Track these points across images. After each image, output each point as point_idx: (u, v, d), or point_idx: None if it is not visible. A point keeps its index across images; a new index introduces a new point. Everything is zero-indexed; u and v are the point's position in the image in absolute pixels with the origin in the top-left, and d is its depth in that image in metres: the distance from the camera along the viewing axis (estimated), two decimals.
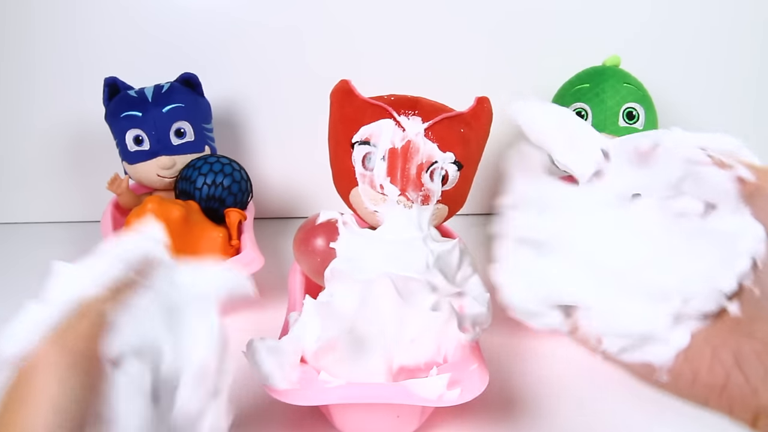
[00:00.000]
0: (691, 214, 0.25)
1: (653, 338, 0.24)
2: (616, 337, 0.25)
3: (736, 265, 0.22)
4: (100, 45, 0.69)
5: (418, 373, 0.38)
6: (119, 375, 0.23)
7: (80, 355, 0.22)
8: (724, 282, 0.22)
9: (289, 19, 0.69)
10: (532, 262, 0.28)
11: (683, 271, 0.23)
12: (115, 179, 0.57)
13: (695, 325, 0.23)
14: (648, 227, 0.26)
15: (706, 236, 0.24)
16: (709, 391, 0.22)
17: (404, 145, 0.45)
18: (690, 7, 0.69)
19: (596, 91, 0.56)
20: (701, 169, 0.24)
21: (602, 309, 0.26)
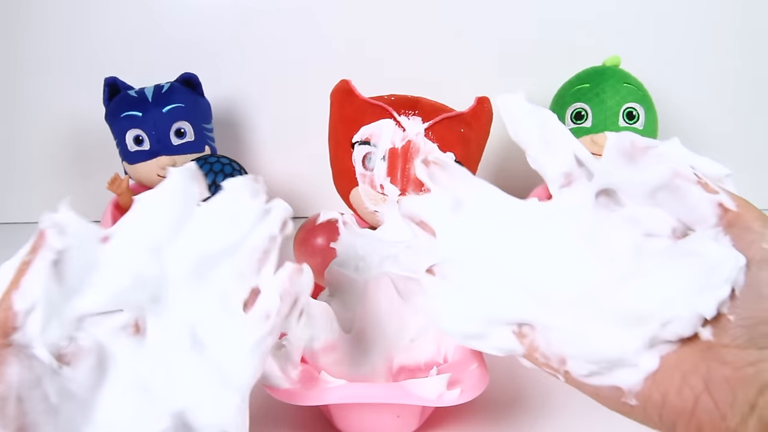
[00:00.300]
0: (661, 235, 0.24)
1: (623, 362, 0.23)
2: (584, 360, 0.24)
3: (717, 292, 0.22)
4: (100, 45, 0.69)
5: (418, 373, 0.38)
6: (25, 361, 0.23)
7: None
8: (706, 308, 0.22)
9: (290, 19, 0.69)
10: (473, 278, 0.27)
11: (663, 294, 0.23)
12: (115, 179, 0.57)
13: (665, 348, 0.23)
14: (617, 245, 0.25)
15: (684, 257, 0.23)
16: (677, 415, 0.22)
17: (404, 145, 0.45)
18: (690, 7, 0.69)
19: (596, 91, 0.56)
20: (685, 184, 0.24)
21: (567, 329, 0.25)
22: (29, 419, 0.21)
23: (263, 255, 0.28)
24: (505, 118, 0.30)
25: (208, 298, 0.27)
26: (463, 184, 0.30)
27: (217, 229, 0.28)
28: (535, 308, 0.26)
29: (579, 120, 0.57)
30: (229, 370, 0.26)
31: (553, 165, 0.28)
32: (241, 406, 0.25)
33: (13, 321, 0.23)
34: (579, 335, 0.24)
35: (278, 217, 0.29)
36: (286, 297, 0.27)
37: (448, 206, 0.29)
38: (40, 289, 0.24)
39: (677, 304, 0.22)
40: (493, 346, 0.27)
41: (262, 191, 0.30)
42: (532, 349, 0.26)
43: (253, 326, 0.27)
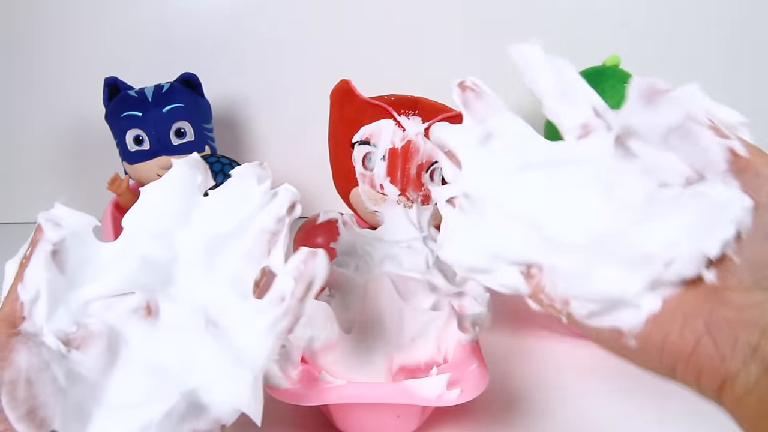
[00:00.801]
0: (674, 184, 0.24)
1: (625, 303, 0.23)
2: (586, 300, 0.24)
3: (721, 231, 0.21)
4: (100, 45, 0.69)
5: (418, 373, 0.38)
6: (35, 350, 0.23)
7: (6, 336, 0.23)
8: (709, 247, 0.21)
9: (290, 19, 0.69)
10: (490, 214, 0.27)
11: (667, 235, 0.23)
12: (115, 179, 0.57)
13: (668, 291, 0.22)
14: (631, 194, 0.25)
15: (692, 199, 0.23)
16: (677, 357, 0.22)
17: (404, 145, 0.45)
18: (690, 7, 0.69)
19: (596, 91, 0.56)
20: (697, 127, 0.24)
21: (573, 270, 0.25)
22: (39, 401, 0.22)
23: (272, 236, 0.29)
24: (521, 68, 0.30)
25: (219, 279, 0.28)
26: (495, 115, 0.30)
27: (225, 212, 0.29)
28: (545, 250, 0.26)
29: None
30: (242, 350, 0.26)
31: (571, 115, 0.28)
32: (254, 384, 0.25)
33: (21, 311, 0.24)
34: (583, 276, 0.24)
35: (285, 199, 0.29)
36: (301, 279, 0.27)
37: (478, 138, 0.29)
38: (41, 278, 0.25)
39: (681, 244, 0.22)
40: (499, 283, 0.27)
41: (268, 176, 0.31)
42: (537, 290, 0.26)
43: (267, 307, 0.27)
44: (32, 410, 0.21)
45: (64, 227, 0.27)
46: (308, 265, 0.28)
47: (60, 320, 0.25)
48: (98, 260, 0.28)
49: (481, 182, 0.28)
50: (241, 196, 0.30)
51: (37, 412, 0.22)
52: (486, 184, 0.28)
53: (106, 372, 0.24)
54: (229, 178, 0.31)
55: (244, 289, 0.28)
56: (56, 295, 0.25)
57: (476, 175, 0.29)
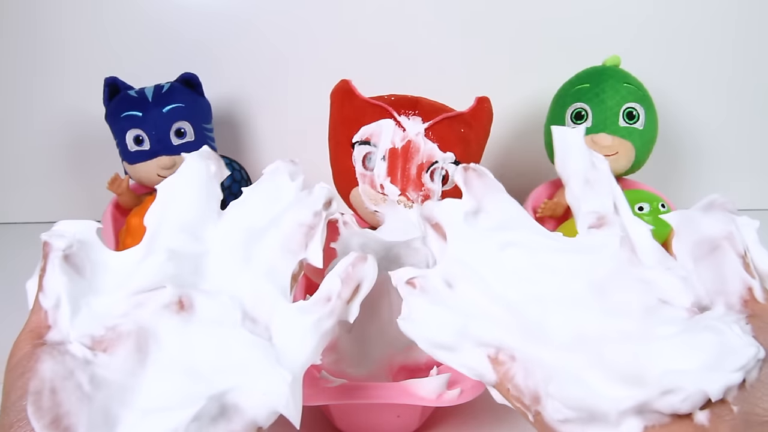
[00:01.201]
0: (677, 305, 0.23)
1: (605, 419, 0.21)
2: (563, 404, 0.22)
3: (729, 377, 0.20)
4: (100, 45, 0.69)
5: (418, 373, 0.38)
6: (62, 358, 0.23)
7: (32, 347, 0.24)
8: (713, 389, 0.20)
9: (290, 18, 0.69)
10: (463, 290, 0.26)
11: (671, 361, 0.21)
12: (115, 179, 0.57)
13: (654, 419, 0.21)
14: (629, 300, 0.24)
15: (704, 331, 0.22)
16: None
17: (404, 145, 0.45)
18: (690, 7, 0.69)
19: (596, 91, 0.56)
20: (729, 251, 0.23)
21: (555, 368, 0.23)
22: (63, 409, 0.22)
23: (309, 230, 0.29)
24: (557, 148, 0.30)
25: (256, 273, 0.27)
26: (494, 197, 0.29)
27: (260, 207, 0.29)
28: (523, 337, 0.24)
29: (579, 120, 0.57)
30: (282, 348, 0.25)
31: (591, 203, 0.28)
32: (293, 385, 0.24)
33: (45, 320, 0.25)
34: (567, 376, 0.23)
35: (321, 195, 0.30)
36: (348, 281, 0.28)
37: (466, 213, 0.29)
38: (59, 282, 0.25)
39: (684, 376, 0.20)
40: (462, 363, 0.25)
41: (300, 173, 0.31)
42: (505, 379, 0.24)
43: (312, 307, 0.27)
44: (57, 419, 0.21)
45: (69, 235, 0.27)
46: (357, 269, 0.28)
47: (84, 323, 0.25)
48: (116, 265, 0.27)
49: (461, 256, 0.28)
50: (275, 192, 0.30)
51: (61, 421, 0.21)
52: (467, 257, 0.27)
53: (135, 373, 0.24)
54: (261, 176, 0.31)
55: (282, 283, 0.28)
56: (77, 298, 0.25)
57: (458, 248, 0.28)
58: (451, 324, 0.26)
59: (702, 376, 0.20)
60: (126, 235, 0.51)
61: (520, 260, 0.27)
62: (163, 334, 0.25)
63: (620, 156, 0.56)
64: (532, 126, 0.71)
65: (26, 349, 0.24)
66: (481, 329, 0.25)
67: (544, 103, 0.63)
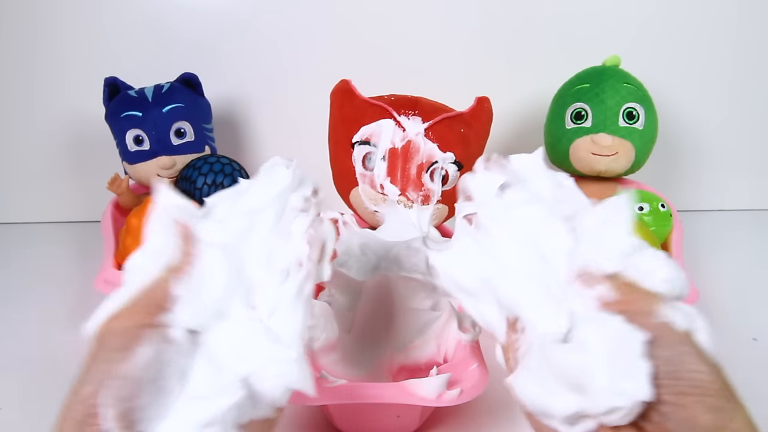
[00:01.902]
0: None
1: (558, 419, 0.22)
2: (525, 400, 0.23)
3: (641, 372, 0.21)
4: (100, 45, 0.69)
5: (418, 373, 0.38)
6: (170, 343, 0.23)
7: (138, 325, 0.23)
8: (646, 394, 0.20)
9: (290, 18, 0.69)
10: (497, 246, 0.27)
11: (601, 374, 0.21)
12: (115, 179, 0.57)
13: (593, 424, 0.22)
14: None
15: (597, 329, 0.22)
16: None
17: (404, 145, 0.45)
18: (690, 7, 0.69)
19: (596, 91, 0.56)
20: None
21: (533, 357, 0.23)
22: (137, 402, 0.21)
23: (299, 213, 0.29)
24: (520, 175, 0.30)
25: (256, 259, 0.28)
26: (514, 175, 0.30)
27: (259, 191, 0.29)
28: (536, 314, 0.25)
29: (579, 120, 0.57)
30: (279, 327, 0.26)
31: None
32: (298, 360, 0.25)
33: (166, 302, 0.24)
34: (531, 373, 0.24)
35: (309, 184, 0.31)
36: (314, 242, 0.28)
37: (498, 186, 0.29)
38: (202, 281, 0.25)
39: (621, 398, 0.21)
40: (479, 312, 0.26)
41: (295, 164, 0.31)
42: (510, 348, 0.25)
43: (289, 276, 0.27)
44: (129, 412, 0.21)
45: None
46: (317, 230, 0.28)
47: (190, 320, 0.24)
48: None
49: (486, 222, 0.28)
50: (272, 178, 0.30)
51: (132, 414, 0.21)
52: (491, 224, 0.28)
53: (189, 367, 0.24)
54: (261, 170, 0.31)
55: (279, 266, 0.28)
56: (201, 298, 0.25)
57: (485, 215, 0.28)
58: (480, 271, 0.26)
59: (629, 387, 0.20)
60: (126, 235, 0.51)
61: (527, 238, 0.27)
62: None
63: (620, 156, 0.56)
64: (532, 126, 0.71)
65: (129, 325, 0.23)
66: (507, 290, 0.25)
67: (543, 103, 0.63)
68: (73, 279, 0.61)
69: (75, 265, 0.64)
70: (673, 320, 0.22)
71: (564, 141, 0.58)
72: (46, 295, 0.57)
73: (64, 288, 0.59)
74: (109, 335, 0.23)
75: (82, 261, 0.65)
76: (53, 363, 0.47)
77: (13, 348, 0.50)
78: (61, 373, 0.46)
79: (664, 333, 0.21)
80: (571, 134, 0.57)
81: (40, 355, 0.48)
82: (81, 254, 0.67)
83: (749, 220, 0.76)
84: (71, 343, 0.50)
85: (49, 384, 0.45)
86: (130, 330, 0.23)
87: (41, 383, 0.45)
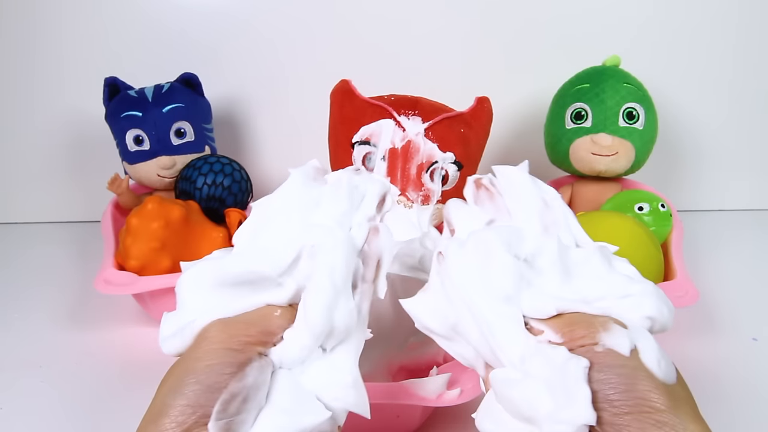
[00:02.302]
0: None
1: None
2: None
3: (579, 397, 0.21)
4: (100, 45, 0.69)
5: (418, 373, 0.38)
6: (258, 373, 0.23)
7: (237, 345, 0.23)
8: (590, 418, 0.21)
9: (290, 18, 0.69)
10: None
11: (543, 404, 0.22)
12: (115, 179, 0.57)
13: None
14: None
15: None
16: None
17: (404, 145, 0.45)
18: (690, 7, 0.69)
19: (596, 91, 0.56)
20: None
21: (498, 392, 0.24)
22: (240, 418, 0.22)
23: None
24: (503, 189, 0.30)
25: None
26: (505, 214, 0.29)
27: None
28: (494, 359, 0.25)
29: (579, 120, 0.57)
30: (336, 353, 0.25)
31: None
32: (355, 384, 0.25)
33: (274, 337, 0.24)
34: (492, 407, 0.24)
35: (375, 192, 0.29)
36: (368, 261, 0.27)
37: (481, 222, 0.29)
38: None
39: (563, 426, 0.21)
40: (456, 352, 0.26)
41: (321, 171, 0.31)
42: (488, 380, 0.25)
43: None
44: (230, 426, 0.21)
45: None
46: (372, 244, 0.27)
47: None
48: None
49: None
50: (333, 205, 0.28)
51: (231, 427, 0.21)
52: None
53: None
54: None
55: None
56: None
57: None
58: (447, 318, 0.26)
59: (570, 413, 0.21)
60: (126, 235, 0.51)
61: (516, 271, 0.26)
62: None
63: (620, 156, 0.56)
64: (532, 126, 0.71)
65: (246, 345, 0.23)
66: (473, 336, 0.25)
67: (543, 103, 0.63)
68: (73, 279, 0.61)
69: (75, 265, 0.64)
70: (616, 344, 0.22)
71: (564, 141, 0.58)
72: (46, 295, 0.57)
73: (64, 288, 0.59)
74: (221, 346, 0.23)
75: (82, 261, 0.65)
76: (53, 363, 0.47)
77: (13, 348, 0.50)
78: (61, 373, 0.47)
79: (604, 358, 0.22)
80: (571, 134, 0.57)
81: (40, 355, 0.48)
82: (81, 254, 0.67)
83: (749, 220, 0.76)
84: (71, 343, 0.51)
85: (50, 384, 0.45)
86: (235, 354, 0.23)
87: (41, 383, 0.45)
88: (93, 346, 0.50)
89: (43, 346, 0.50)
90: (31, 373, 0.46)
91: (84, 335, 0.51)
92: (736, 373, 0.46)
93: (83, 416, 0.42)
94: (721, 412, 0.23)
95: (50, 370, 0.47)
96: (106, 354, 0.49)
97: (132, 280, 0.49)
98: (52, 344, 0.50)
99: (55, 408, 0.43)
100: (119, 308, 0.54)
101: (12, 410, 0.42)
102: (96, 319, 0.53)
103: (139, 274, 0.50)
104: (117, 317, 0.53)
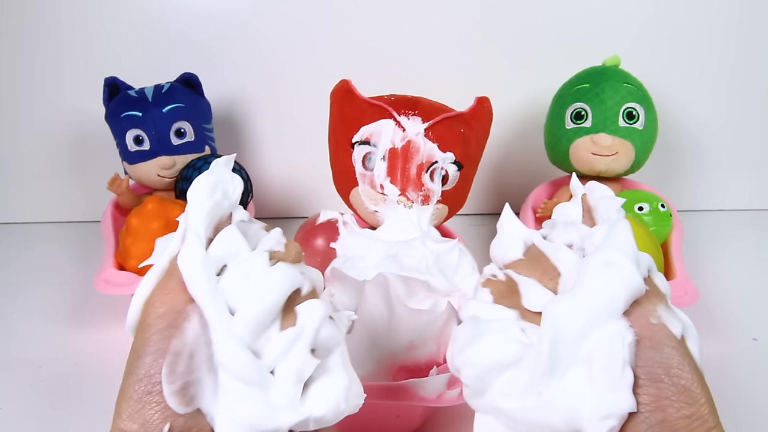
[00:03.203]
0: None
1: None
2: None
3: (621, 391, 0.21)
4: (100, 45, 0.69)
5: (418, 373, 0.38)
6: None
7: (183, 301, 0.23)
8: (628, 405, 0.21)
9: (290, 18, 0.69)
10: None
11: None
12: (115, 179, 0.57)
13: None
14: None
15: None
16: None
17: (404, 145, 0.45)
18: (690, 7, 0.69)
19: (596, 91, 0.56)
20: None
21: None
22: (194, 377, 0.22)
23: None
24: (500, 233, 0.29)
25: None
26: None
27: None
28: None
29: (579, 120, 0.57)
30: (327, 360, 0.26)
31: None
32: (350, 386, 0.26)
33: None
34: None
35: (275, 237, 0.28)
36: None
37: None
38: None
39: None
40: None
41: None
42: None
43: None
44: (186, 386, 0.21)
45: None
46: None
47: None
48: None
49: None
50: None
51: (189, 389, 0.21)
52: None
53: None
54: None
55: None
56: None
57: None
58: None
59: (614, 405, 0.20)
60: (126, 235, 0.51)
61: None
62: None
63: (620, 156, 0.56)
64: (532, 126, 0.71)
65: (175, 304, 0.23)
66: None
67: (543, 103, 0.63)
68: (73, 279, 0.61)
69: (75, 265, 0.64)
70: (669, 323, 0.22)
71: (564, 141, 0.58)
72: (46, 295, 0.57)
73: (64, 288, 0.59)
74: (157, 317, 0.23)
75: (82, 261, 0.65)
76: (53, 363, 0.47)
77: (13, 348, 0.50)
78: (61, 372, 0.47)
79: (655, 333, 0.21)
80: (571, 134, 0.57)
81: (40, 355, 0.48)
82: (81, 254, 0.67)
83: (749, 220, 0.76)
84: (71, 343, 0.51)
85: (49, 384, 0.45)
86: (176, 309, 0.23)
87: (41, 383, 0.45)
88: (93, 346, 0.50)
89: (43, 346, 0.50)
90: (31, 373, 0.46)
91: (84, 335, 0.51)
92: (736, 373, 0.46)
93: (83, 416, 0.42)
94: (721, 412, 0.23)
95: (50, 370, 0.47)
96: (106, 354, 0.49)
97: (132, 280, 0.49)
98: (51, 344, 0.50)
99: (54, 408, 0.43)
100: (119, 308, 0.54)
101: (12, 410, 0.42)
102: (96, 319, 0.53)
103: (139, 274, 0.50)
104: (117, 317, 0.53)
